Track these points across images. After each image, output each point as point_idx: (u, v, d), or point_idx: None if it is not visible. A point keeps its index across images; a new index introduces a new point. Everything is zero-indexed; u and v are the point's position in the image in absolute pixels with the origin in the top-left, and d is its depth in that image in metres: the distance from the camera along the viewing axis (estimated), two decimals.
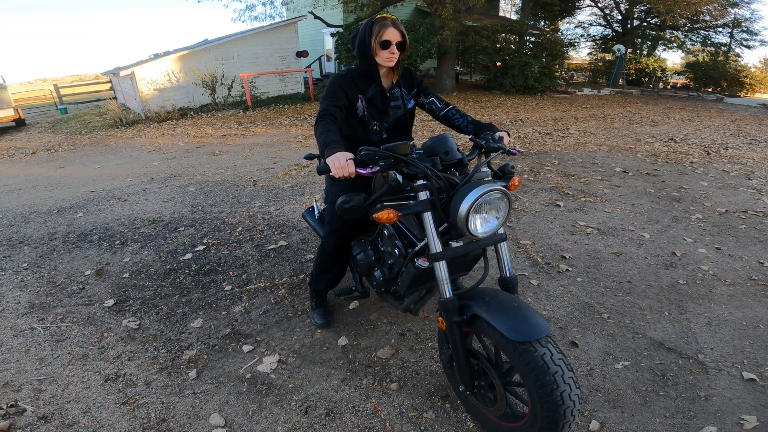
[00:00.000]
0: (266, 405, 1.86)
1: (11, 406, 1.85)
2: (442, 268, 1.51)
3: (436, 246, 1.51)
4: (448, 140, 1.60)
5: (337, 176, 1.48)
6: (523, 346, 1.33)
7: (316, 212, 2.76)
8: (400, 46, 1.81)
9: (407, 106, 2.04)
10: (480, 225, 1.47)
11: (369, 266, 1.99)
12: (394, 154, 1.49)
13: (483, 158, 1.68)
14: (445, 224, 1.55)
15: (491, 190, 1.41)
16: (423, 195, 1.51)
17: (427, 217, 1.50)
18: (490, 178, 1.60)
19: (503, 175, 1.67)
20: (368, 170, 1.50)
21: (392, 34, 1.78)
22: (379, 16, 1.81)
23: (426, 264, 1.63)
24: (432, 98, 2.06)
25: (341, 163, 1.47)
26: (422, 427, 1.73)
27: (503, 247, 1.64)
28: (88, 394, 1.94)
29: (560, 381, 1.30)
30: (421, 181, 1.52)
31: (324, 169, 1.52)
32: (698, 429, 1.70)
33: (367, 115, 1.95)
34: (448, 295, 1.52)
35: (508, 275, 1.62)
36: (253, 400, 1.89)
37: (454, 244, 1.59)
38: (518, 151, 1.76)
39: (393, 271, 1.84)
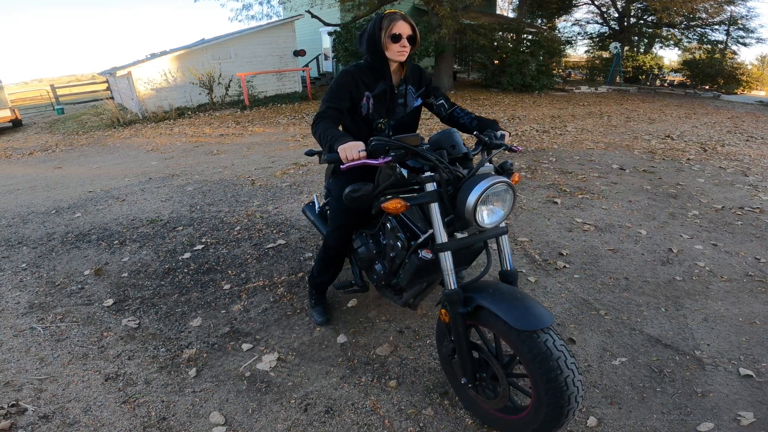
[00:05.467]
0: (266, 403, 1.87)
1: (12, 405, 1.86)
2: (447, 259, 1.53)
3: (442, 236, 1.53)
4: (454, 135, 1.62)
5: (345, 165, 1.47)
6: (527, 333, 1.35)
7: (316, 207, 2.76)
8: (411, 39, 1.79)
9: (413, 104, 2.00)
10: (487, 216, 1.50)
11: (370, 259, 2.01)
12: (405, 145, 1.50)
13: (486, 154, 1.71)
14: (450, 216, 1.57)
15: (498, 182, 1.45)
16: (430, 186, 1.53)
17: (434, 207, 1.52)
18: (493, 173, 1.61)
19: (503, 171, 1.70)
20: (380, 160, 1.50)
21: (402, 27, 1.76)
22: (387, 11, 1.79)
23: (429, 255, 1.64)
24: (442, 100, 2.04)
25: (353, 154, 1.47)
26: (421, 424, 1.75)
27: (504, 240, 1.67)
28: (88, 393, 1.95)
29: (563, 366, 1.33)
30: (428, 173, 1.53)
31: (334, 158, 1.51)
32: (695, 425, 1.72)
33: (372, 112, 1.92)
34: (453, 287, 1.53)
35: (509, 268, 1.65)
36: (253, 398, 1.90)
37: (459, 236, 1.61)
38: (519, 149, 1.81)
39: (394, 264, 1.85)
